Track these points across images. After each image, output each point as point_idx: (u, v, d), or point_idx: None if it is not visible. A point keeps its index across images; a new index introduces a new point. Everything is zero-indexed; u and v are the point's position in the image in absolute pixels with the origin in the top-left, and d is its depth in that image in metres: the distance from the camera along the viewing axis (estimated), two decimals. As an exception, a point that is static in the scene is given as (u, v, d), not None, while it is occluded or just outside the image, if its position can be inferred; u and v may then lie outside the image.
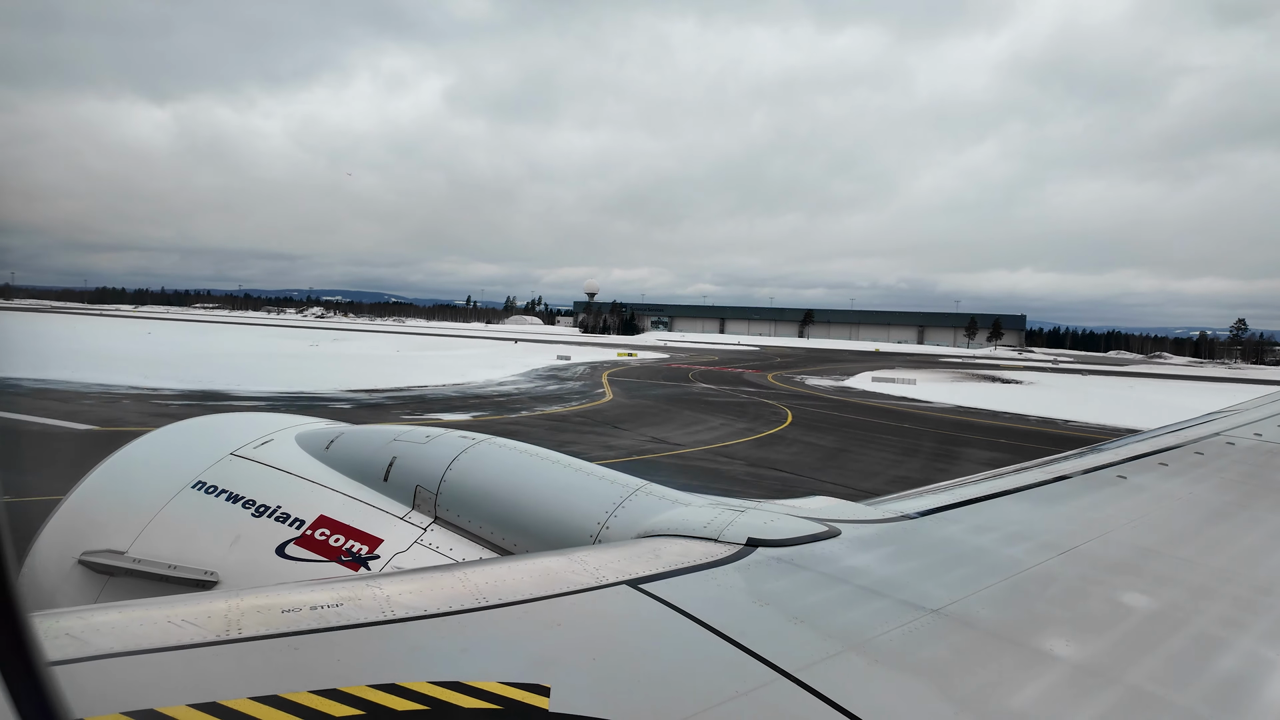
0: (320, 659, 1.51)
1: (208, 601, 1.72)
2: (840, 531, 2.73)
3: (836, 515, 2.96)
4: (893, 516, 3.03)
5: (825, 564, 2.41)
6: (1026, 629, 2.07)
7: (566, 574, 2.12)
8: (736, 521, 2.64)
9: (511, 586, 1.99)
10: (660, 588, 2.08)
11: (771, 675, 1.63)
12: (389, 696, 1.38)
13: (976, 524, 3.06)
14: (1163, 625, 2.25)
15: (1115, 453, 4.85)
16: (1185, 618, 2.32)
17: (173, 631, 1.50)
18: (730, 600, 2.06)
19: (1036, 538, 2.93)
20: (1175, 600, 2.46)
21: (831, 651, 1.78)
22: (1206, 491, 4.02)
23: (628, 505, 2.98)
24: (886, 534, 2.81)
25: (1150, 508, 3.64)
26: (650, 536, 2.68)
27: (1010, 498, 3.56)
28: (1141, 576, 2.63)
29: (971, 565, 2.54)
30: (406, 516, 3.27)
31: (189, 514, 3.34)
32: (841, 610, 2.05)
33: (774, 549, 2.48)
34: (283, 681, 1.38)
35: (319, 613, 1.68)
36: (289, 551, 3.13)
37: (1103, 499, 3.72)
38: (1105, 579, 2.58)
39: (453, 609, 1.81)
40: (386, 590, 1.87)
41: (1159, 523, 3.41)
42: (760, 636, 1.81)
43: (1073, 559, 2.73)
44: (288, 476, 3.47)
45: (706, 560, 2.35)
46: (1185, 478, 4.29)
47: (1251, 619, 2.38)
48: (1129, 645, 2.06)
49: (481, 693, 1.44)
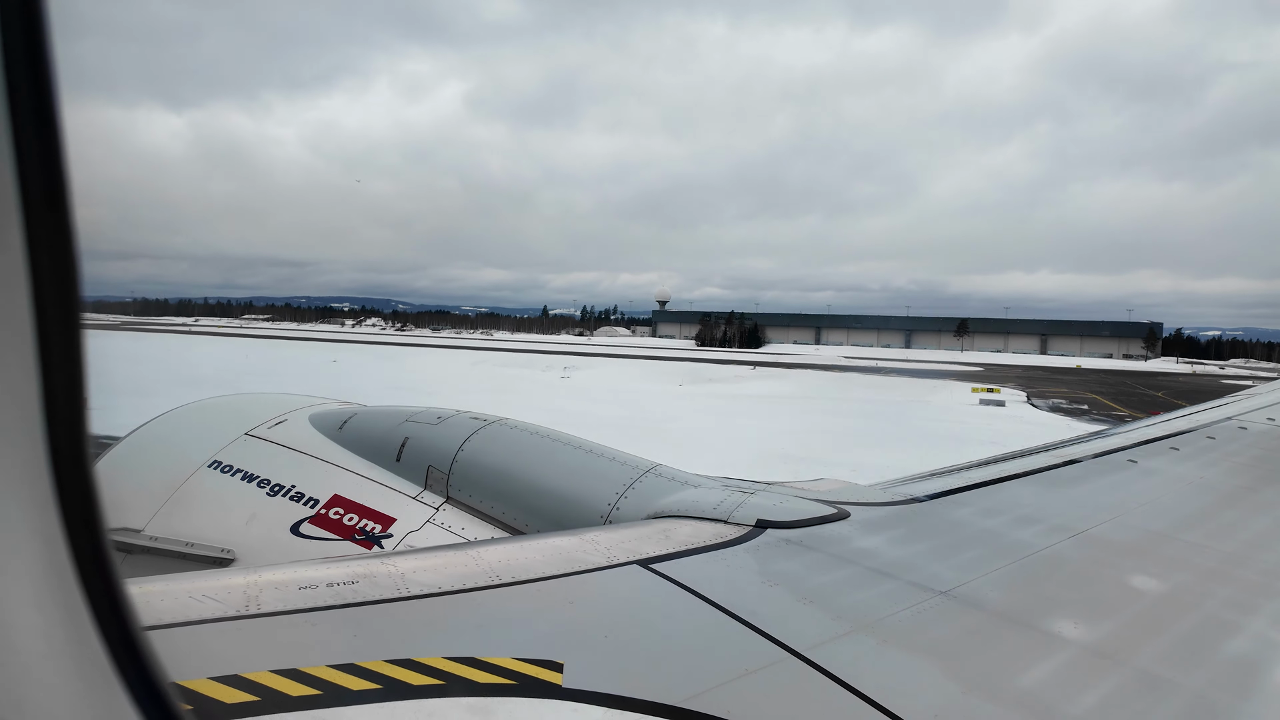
0: (337, 634, 1.53)
1: (227, 577, 1.75)
2: (849, 514, 2.74)
3: (846, 498, 2.97)
4: (902, 499, 3.03)
5: (834, 545, 2.42)
6: (1035, 611, 2.08)
7: (578, 553, 2.15)
8: (746, 503, 2.65)
9: (524, 565, 2.01)
10: (671, 568, 2.10)
11: (781, 654, 1.65)
12: (406, 671, 1.41)
13: (986, 507, 3.06)
14: (1172, 609, 2.26)
15: (1126, 437, 4.83)
16: (1194, 601, 2.32)
17: (194, 606, 1.53)
18: (740, 581, 2.08)
19: (1046, 521, 2.93)
20: (1184, 584, 2.47)
21: (840, 631, 1.80)
22: (1217, 476, 4.00)
23: (638, 486, 2.99)
24: (895, 516, 2.82)
25: (1161, 491, 3.63)
26: (661, 517, 2.70)
27: (1020, 481, 3.56)
28: (1151, 560, 2.64)
29: (981, 548, 2.55)
30: (419, 496, 3.31)
31: (205, 493, 3.39)
32: (850, 591, 2.06)
33: (783, 530, 2.50)
34: (302, 656, 1.41)
35: (335, 589, 1.71)
36: (303, 530, 3.17)
37: (1113, 483, 3.71)
38: (1115, 562, 2.58)
39: (467, 586, 1.83)
40: (401, 568, 1.90)
41: (1169, 506, 3.40)
42: (770, 616, 1.83)
43: (1082, 542, 2.73)
44: (302, 456, 3.51)
45: (716, 541, 2.37)
46: (1197, 462, 4.27)
47: (1260, 602, 2.38)
48: (1138, 628, 2.07)
49: (496, 668, 1.47)
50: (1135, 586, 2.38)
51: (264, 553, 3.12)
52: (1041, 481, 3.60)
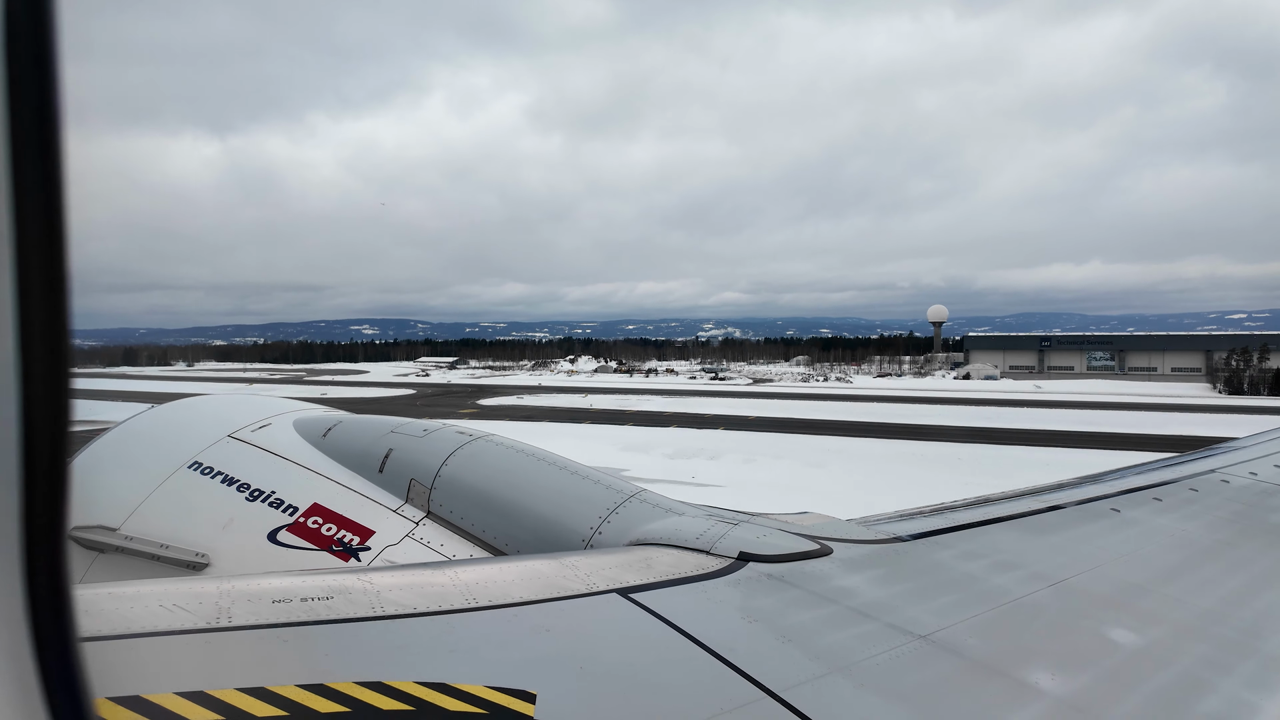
0: (308, 652, 1.51)
1: (200, 585, 1.73)
2: (832, 550, 2.73)
3: (829, 534, 2.96)
4: (884, 538, 3.03)
5: (816, 583, 2.41)
6: (1012, 660, 2.08)
7: (558, 579, 2.13)
8: (729, 535, 2.64)
9: (502, 588, 1.99)
10: (651, 598, 2.08)
11: (756, 694, 1.64)
12: (375, 695, 1.38)
13: (968, 550, 3.06)
14: (1147, 663, 2.26)
15: (1110, 485, 4.85)
16: (1170, 657, 2.32)
17: (163, 616, 1.50)
18: (720, 615, 2.06)
19: (1027, 567, 2.93)
20: (1161, 639, 2.47)
21: (818, 673, 1.78)
22: (1198, 529, 4.02)
23: (622, 511, 2.98)
24: (878, 555, 2.82)
25: (1141, 543, 3.65)
26: (643, 545, 2.69)
27: (1003, 525, 3.56)
28: (1129, 613, 2.64)
29: (960, 592, 2.55)
30: (399, 509, 3.27)
31: (183, 494, 3.35)
32: (830, 631, 2.05)
33: (766, 565, 2.48)
34: (270, 673, 1.38)
35: (309, 605, 1.69)
36: (281, 538, 3.13)
37: (1094, 531, 3.72)
38: (1093, 613, 2.58)
39: (442, 608, 1.81)
40: (377, 585, 1.87)
41: (1149, 558, 3.41)
42: (748, 654, 1.82)
43: (1061, 591, 2.73)
44: (284, 462, 3.48)
45: (698, 573, 2.35)
46: (1178, 514, 4.29)
47: (1236, 661, 2.38)
48: (1113, 682, 2.06)
49: (467, 695, 1.45)
50: (1112, 639, 2.38)
51: (239, 559, 3.08)
52: (1024, 527, 3.60)
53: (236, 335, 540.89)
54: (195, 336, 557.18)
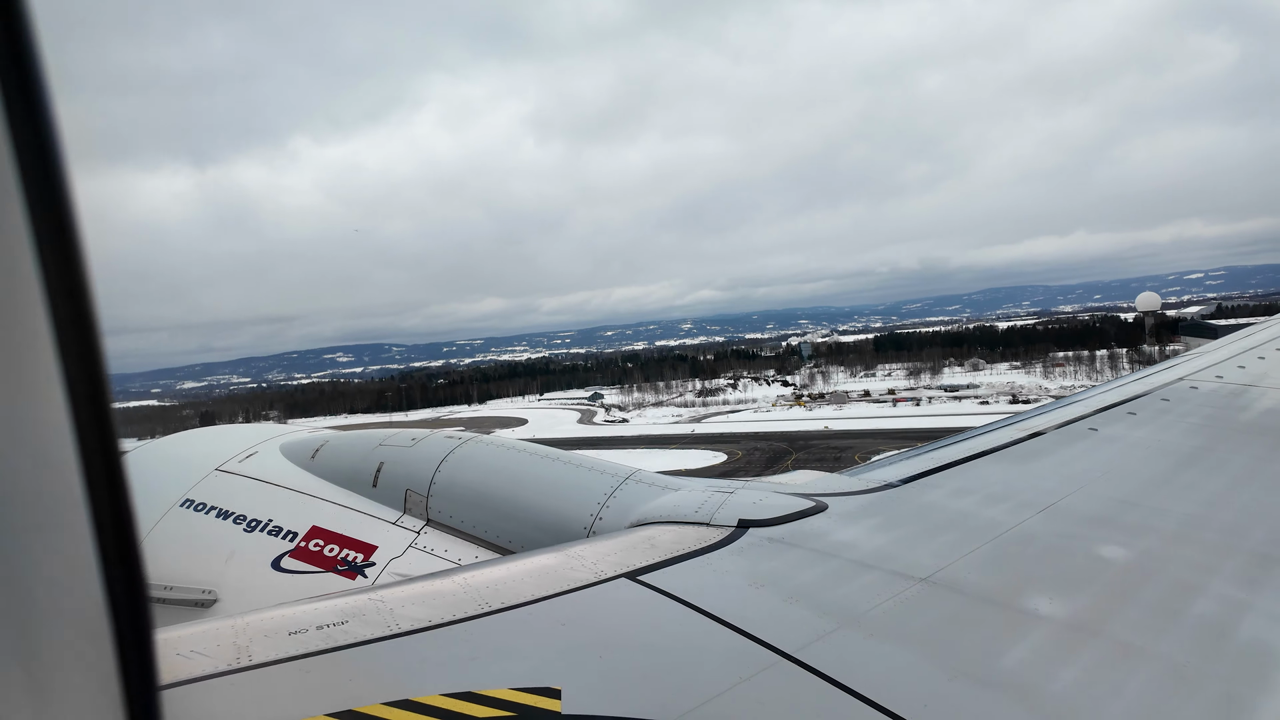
0: (332, 680, 1.53)
1: (214, 625, 1.73)
2: (827, 505, 2.79)
3: (822, 489, 3.03)
4: (876, 486, 3.10)
5: (815, 540, 2.47)
6: (1012, 590, 2.16)
7: (566, 571, 2.16)
8: (727, 503, 2.69)
9: (513, 589, 2.02)
10: (659, 578, 2.13)
11: (773, 658, 1.69)
12: (404, 713, 1.41)
13: (957, 487, 3.15)
14: (1139, 575, 2.36)
15: (1085, 404, 4.99)
16: (1159, 566, 2.43)
17: (183, 664, 1.51)
18: (727, 585, 2.12)
19: (1016, 497, 3.03)
20: (1149, 549, 2.58)
21: (828, 629, 1.84)
22: (1174, 438, 4.16)
23: (619, 495, 3.01)
24: (872, 505, 2.89)
25: (1122, 458, 3.77)
26: (644, 525, 2.73)
27: (988, 458, 3.66)
28: (1117, 528, 2.74)
29: (955, 530, 2.63)
30: (399, 521, 3.28)
31: (180, 533, 3.32)
32: (834, 586, 2.11)
33: (765, 529, 2.54)
34: (298, 707, 1.40)
35: (325, 632, 1.70)
36: (285, 565, 3.13)
37: (1076, 453, 3.84)
38: (1084, 533, 2.68)
39: (458, 617, 1.83)
40: (390, 603, 1.89)
41: (1130, 473, 3.53)
42: (759, 620, 1.87)
43: (1052, 516, 2.83)
44: (276, 489, 3.46)
45: (701, 546, 2.40)
46: (1153, 425, 4.44)
47: (1222, 562, 2.50)
48: (1109, 598, 2.16)
49: (494, 700, 1.48)
50: (1105, 556, 2.48)
51: (246, 591, 3.08)
52: (1009, 457, 3.71)
53: (207, 374, 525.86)
54: (163, 379, 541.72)
